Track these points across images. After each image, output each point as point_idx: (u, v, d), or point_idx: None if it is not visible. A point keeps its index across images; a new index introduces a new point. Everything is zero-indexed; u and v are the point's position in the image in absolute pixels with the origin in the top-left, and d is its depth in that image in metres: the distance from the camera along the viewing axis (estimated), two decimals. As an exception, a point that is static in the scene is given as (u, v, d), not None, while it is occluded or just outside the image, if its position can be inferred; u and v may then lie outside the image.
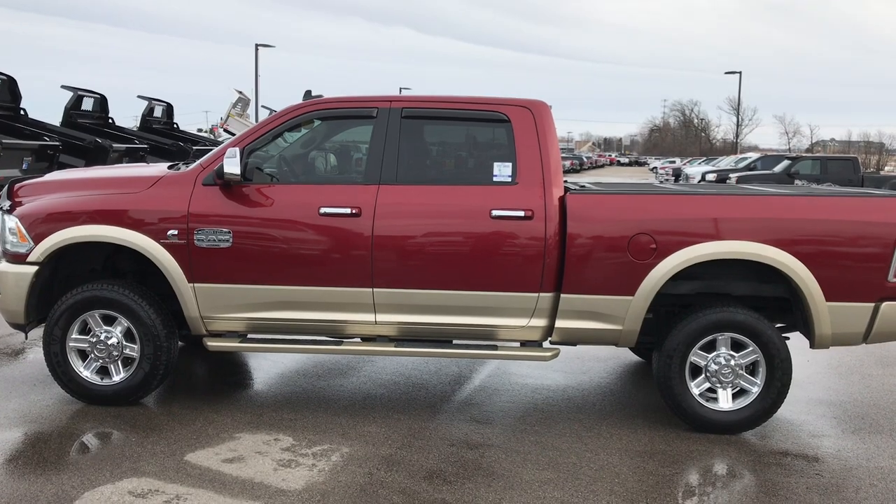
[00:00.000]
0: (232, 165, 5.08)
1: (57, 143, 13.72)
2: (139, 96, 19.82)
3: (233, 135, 21.48)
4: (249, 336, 5.49)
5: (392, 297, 5.20)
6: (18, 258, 5.38)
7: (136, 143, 16.76)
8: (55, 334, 5.36)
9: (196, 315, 5.33)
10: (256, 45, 43.24)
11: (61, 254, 5.41)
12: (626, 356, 7.09)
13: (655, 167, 59.65)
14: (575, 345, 5.49)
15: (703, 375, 5.20)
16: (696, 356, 5.18)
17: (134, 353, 5.38)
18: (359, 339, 5.46)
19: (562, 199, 5.18)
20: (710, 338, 5.15)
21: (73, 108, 16.59)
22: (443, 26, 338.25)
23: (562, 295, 5.15)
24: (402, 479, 4.40)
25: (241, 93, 29.40)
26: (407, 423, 5.27)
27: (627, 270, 5.07)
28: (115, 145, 15.12)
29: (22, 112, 14.73)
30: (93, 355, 5.40)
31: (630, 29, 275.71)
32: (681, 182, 34.92)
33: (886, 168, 62.20)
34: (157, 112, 19.77)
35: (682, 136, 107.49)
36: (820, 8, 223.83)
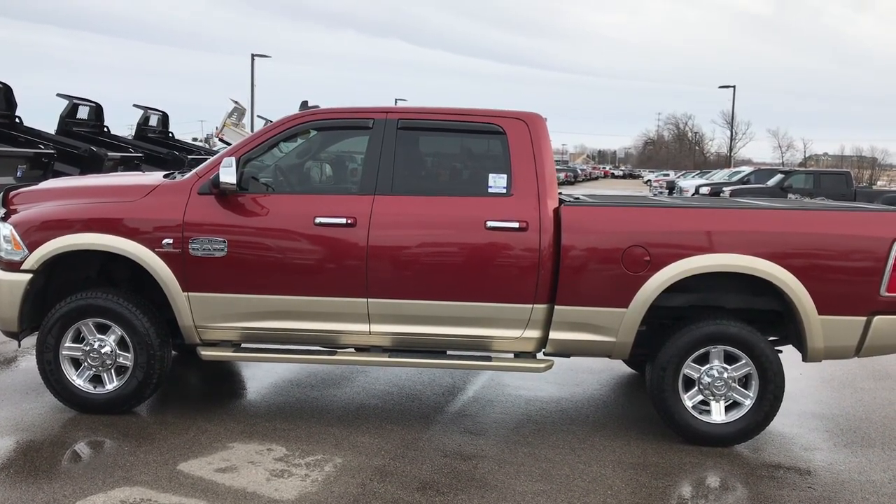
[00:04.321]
0: (228, 175, 5.09)
1: (52, 152, 13.69)
2: (135, 105, 19.83)
3: (228, 144, 21.48)
4: (243, 345, 5.49)
5: (386, 307, 5.21)
6: (13, 266, 5.37)
7: (132, 152, 16.75)
8: (48, 342, 5.35)
9: (190, 324, 5.32)
10: (252, 56, 43.38)
11: (56, 262, 5.41)
12: (620, 368, 7.09)
13: (650, 180, 59.87)
14: (569, 356, 5.50)
15: (696, 388, 5.21)
16: (689, 368, 5.19)
17: (127, 362, 5.37)
18: (353, 350, 5.46)
19: (556, 211, 5.20)
20: (703, 350, 5.17)
21: (69, 116, 16.58)
22: (436, 39, 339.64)
23: (556, 306, 5.16)
24: (395, 489, 4.40)
25: (236, 102, 29.39)
26: (400, 434, 5.27)
27: (621, 282, 5.09)
28: (109, 154, 15.10)
29: (17, 120, 14.71)
30: (86, 364, 5.39)
31: (624, 42, 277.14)
32: (675, 195, 35.04)
33: (879, 182, 62.49)
34: (153, 121, 19.76)
35: (676, 149, 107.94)
36: (808, 23, 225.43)
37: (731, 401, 5.21)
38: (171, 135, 20.46)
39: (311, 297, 5.22)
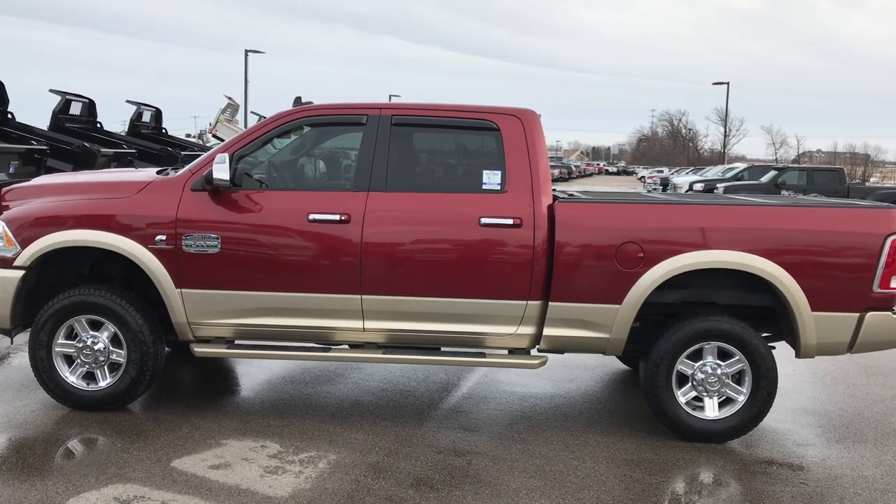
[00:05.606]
0: (221, 171, 5.08)
1: (44, 147, 13.60)
2: (128, 101, 19.67)
3: (222, 140, 21.41)
4: (237, 342, 5.47)
5: (380, 303, 5.20)
6: (5, 262, 5.34)
7: (125, 148, 16.67)
8: (41, 339, 5.33)
9: (183, 321, 5.31)
10: (246, 52, 43.20)
11: (48, 258, 5.39)
12: (614, 364, 7.11)
13: (643, 176, 59.92)
14: (563, 353, 5.50)
15: (690, 384, 5.23)
16: (682, 365, 5.20)
17: (120, 359, 5.35)
18: (347, 346, 5.46)
19: (550, 208, 5.20)
20: (696, 347, 5.18)
21: (61, 112, 16.47)
22: (430, 35, 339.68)
23: (550, 303, 5.16)
24: (389, 486, 4.40)
25: (230, 98, 29.31)
26: (394, 431, 5.27)
27: (615, 279, 5.10)
28: (103, 150, 15.00)
29: (9, 116, 14.62)
30: (79, 360, 5.38)
31: (618, 39, 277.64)
32: (668, 191, 35.09)
33: (872, 179, 62.69)
34: (146, 117, 19.64)
35: (670, 145, 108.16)
36: (802, 20, 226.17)
37: (724, 397, 5.23)
38: (164, 131, 20.35)
39: (304, 293, 5.21)
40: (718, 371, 5.18)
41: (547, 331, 5.21)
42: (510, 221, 5.12)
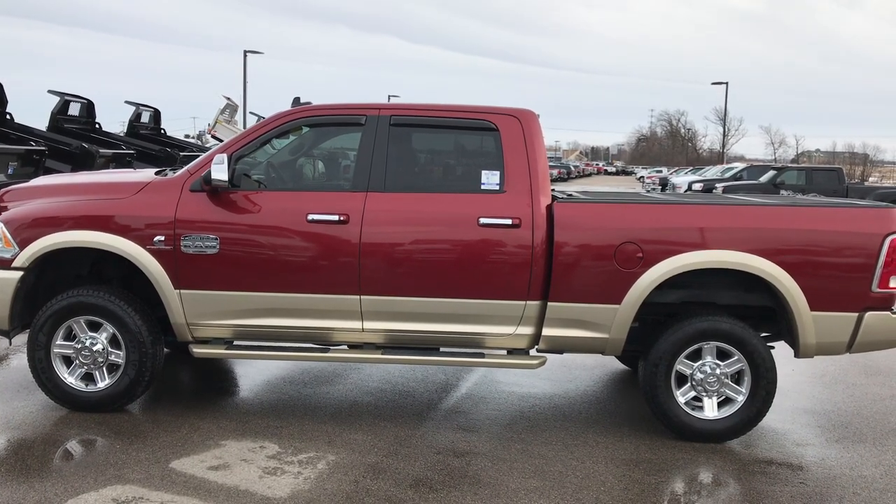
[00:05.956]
0: (219, 172, 5.07)
1: (43, 148, 13.59)
2: (126, 101, 19.66)
3: (220, 141, 21.38)
4: (235, 343, 5.47)
5: (379, 304, 5.20)
6: (3, 263, 5.34)
7: (123, 149, 16.66)
8: (40, 340, 5.33)
9: (182, 321, 5.31)
10: (245, 52, 43.16)
11: (47, 259, 5.38)
12: (613, 364, 7.10)
13: (642, 176, 59.95)
14: (562, 353, 5.50)
15: (689, 384, 5.22)
16: (681, 365, 5.20)
17: (119, 360, 5.35)
18: (346, 347, 5.45)
19: (549, 208, 5.19)
20: (695, 346, 5.18)
21: (60, 112, 16.47)
22: (429, 35, 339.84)
23: (549, 303, 5.16)
24: (388, 486, 4.40)
25: (229, 99, 29.27)
26: (393, 431, 5.26)
27: (614, 279, 5.09)
28: (101, 151, 14.99)
29: (8, 116, 14.61)
30: (77, 361, 5.37)
31: (617, 39, 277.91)
32: (667, 191, 35.09)
33: (871, 179, 62.73)
34: (145, 118, 19.62)
35: (668, 145, 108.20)
36: (800, 20, 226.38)
37: (723, 397, 5.23)
38: (163, 131, 20.34)
39: (303, 294, 5.21)
40: (717, 371, 5.18)
41: (546, 331, 5.21)
42: (509, 221, 5.12)
